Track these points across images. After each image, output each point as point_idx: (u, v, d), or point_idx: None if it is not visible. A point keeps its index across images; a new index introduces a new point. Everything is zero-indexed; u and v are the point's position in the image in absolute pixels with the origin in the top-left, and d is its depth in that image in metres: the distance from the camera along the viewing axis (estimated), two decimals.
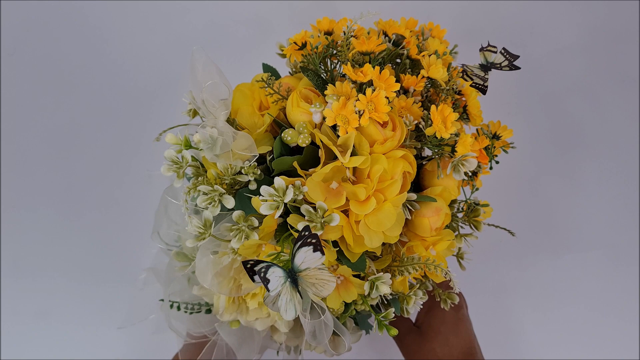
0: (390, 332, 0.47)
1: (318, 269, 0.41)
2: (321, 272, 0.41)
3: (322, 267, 0.41)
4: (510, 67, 0.50)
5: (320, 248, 0.40)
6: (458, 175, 0.48)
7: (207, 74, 0.45)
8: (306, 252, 0.40)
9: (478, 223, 0.54)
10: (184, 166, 0.45)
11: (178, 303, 0.55)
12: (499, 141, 0.56)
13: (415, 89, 0.50)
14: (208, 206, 0.43)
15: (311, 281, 0.41)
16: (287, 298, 0.41)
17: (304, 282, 0.41)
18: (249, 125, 0.49)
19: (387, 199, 0.44)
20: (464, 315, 0.60)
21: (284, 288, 0.41)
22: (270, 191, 0.42)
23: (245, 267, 0.41)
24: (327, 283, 0.41)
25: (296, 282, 0.41)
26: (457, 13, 0.80)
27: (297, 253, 0.40)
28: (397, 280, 0.51)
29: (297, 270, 0.41)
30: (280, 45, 0.54)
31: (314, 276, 0.41)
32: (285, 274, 0.41)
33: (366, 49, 0.48)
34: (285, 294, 0.41)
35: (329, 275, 0.41)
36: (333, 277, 0.41)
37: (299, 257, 0.41)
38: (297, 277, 0.41)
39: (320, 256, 0.40)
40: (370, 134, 0.45)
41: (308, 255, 0.40)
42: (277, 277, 0.40)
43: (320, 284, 0.41)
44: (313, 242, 0.40)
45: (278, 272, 0.40)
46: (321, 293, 0.41)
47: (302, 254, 0.40)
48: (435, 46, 0.52)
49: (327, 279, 0.41)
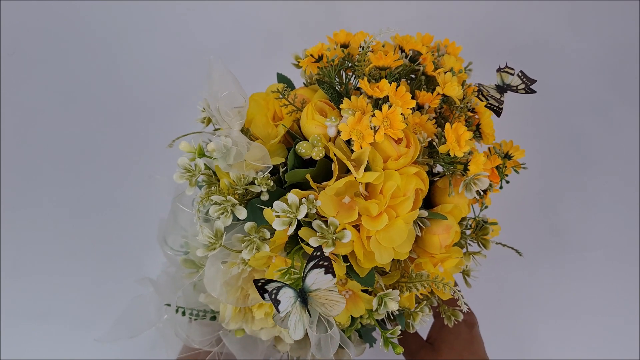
0: (396, 350, 0.47)
1: (329, 290, 0.41)
2: (331, 293, 0.41)
3: (332, 287, 0.41)
4: (527, 90, 0.50)
5: (332, 271, 0.41)
6: (470, 193, 0.48)
7: (224, 83, 0.45)
8: (317, 274, 0.41)
9: (486, 241, 0.54)
10: (197, 174, 0.45)
11: (183, 309, 0.55)
12: (510, 161, 0.56)
13: (430, 105, 0.50)
14: (220, 216, 0.43)
15: (321, 301, 0.42)
16: (296, 318, 0.41)
17: (313, 301, 0.42)
18: (262, 135, 0.49)
19: (399, 215, 0.44)
20: (477, 333, 0.60)
21: (294, 308, 0.41)
22: (283, 207, 0.42)
23: (256, 285, 0.41)
24: (336, 304, 0.42)
25: (306, 301, 0.41)
26: (470, 27, 0.80)
27: (309, 274, 0.41)
28: (404, 296, 0.51)
29: (308, 291, 0.41)
30: (296, 56, 0.54)
31: (324, 297, 0.42)
32: (296, 294, 0.41)
33: (383, 63, 0.48)
34: (295, 313, 0.41)
35: (339, 296, 0.41)
36: (343, 298, 0.42)
37: (310, 278, 0.41)
38: (307, 296, 0.41)
39: (332, 278, 0.41)
40: (384, 149, 0.45)
41: (319, 277, 0.41)
42: (288, 297, 0.41)
43: (329, 304, 0.42)
44: (325, 264, 0.40)
45: (289, 293, 0.41)
46: (330, 313, 0.42)
47: (313, 276, 0.41)
48: (451, 63, 0.52)
49: (337, 300, 0.42)
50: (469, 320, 0.60)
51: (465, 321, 0.59)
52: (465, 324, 0.56)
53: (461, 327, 0.58)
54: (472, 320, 0.60)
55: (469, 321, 0.59)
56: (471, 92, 0.53)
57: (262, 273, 0.49)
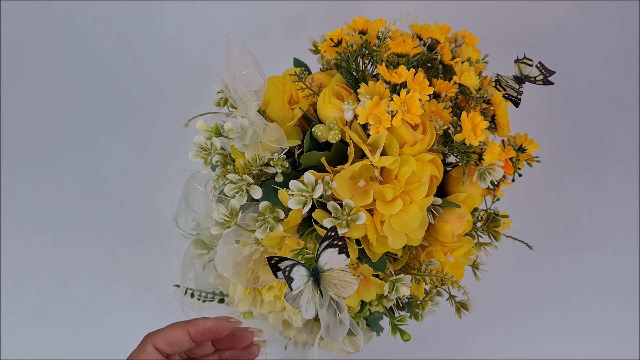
0: (403, 337, 0.47)
1: (342, 271, 0.41)
2: (344, 273, 0.41)
3: (345, 268, 0.41)
4: (545, 82, 0.50)
5: (346, 250, 0.40)
6: (484, 183, 0.48)
7: (242, 62, 0.45)
8: (332, 254, 0.41)
9: (497, 234, 0.54)
10: (212, 153, 0.45)
11: (192, 290, 0.55)
12: (524, 154, 0.56)
13: (447, 94, 0.50)
14: (235, 195, 0.43)
15: (333, 282, 0.41)
16: (308, 297, 0.41)
17: (326, 282, 0.41)
18: (279, 118, 0.49)
19: (414, 201, 0.44)
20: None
21: (307, 287, 0.41)
22: (299, 186, 0.42)
23: (269, 262, 0.41)
24: (349, 285, 0.41)
25: (318, 281, 0.41)
26: (489, 19, 0.80)
27: (323, 253, 0.41)
28: (413, 286, 0.51)
29: (321, 270, 0.41)
30: (314, 42, 0.54)
31: (337, 277, 0.41)
32: (309, 272, 0.41)
33: (402, 50, 0.48)
34: (307, 292, 0.41)
35: (352, 277, 0.41)
36: (356, 279, 0.41)
37: (323, 258, 0.41)
38: (320, 276, 0.41)
39: (345, 258, 0.41)
40: (401, 135, 0.45)
41: (333, 256, 0.41)
42: (301, 276, 0.40)
43: (342, 285, 0.41)
44: (340, 244, 0.40)
45: (302, 271, 0.40)
46: (342, 294, 0.41)
47: (327, 255, 0.41)
48: (468, 53, 0.52)
49: (350, 280, 0.41)
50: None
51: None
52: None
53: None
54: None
55: None
56: (487, 83, 0.53)
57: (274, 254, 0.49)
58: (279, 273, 0.40)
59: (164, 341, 0.41)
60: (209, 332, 0.41)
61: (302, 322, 0.52)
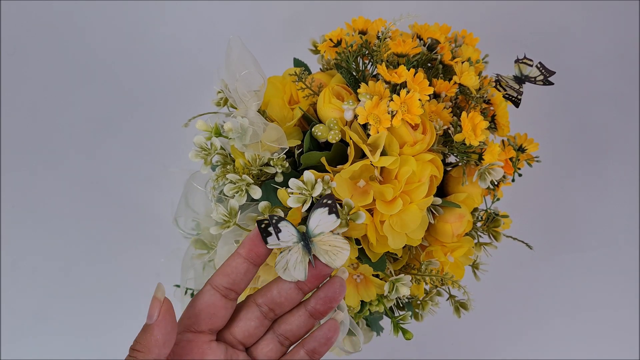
0: (406, 336, 0.47)
1: (333, 235, 0.39)
2: (335, 238, 0.39)
3: (336, 233, 0.40)
4: (545, 82, 0.50)
5: (336, 210, 0.39)
6: (484, 183, 0.48)
7: (242, 62, 0.45)
8: (321, 214, 0.39)
9: (497, 234, 0.54)
10: (212, 153, 0.45)
11: (192, 290, 0.55)
12: (524, 154, 0.56)
13: (447, 94, 0.50)
14: (234, 195, 0.43)
15: (325, 248, 0.39)
16: (298, 257, 0.39)
17: (317, 248, 0.39)
18: (278, 118, 0.49)
19: (414, 201, 0.44)
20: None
21: (296, 247, 0.39)
22: (299, 184, 0.42)
23: (259, 227, 0.39)
24: (340, 251, 0.39)
25: (309, 248, 0.39)
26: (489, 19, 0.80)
27: (312, 215, 0.39)
28: (413, 286, 0.51)
29: (311, 235, 0.39)
30: (314, 42, 0.54)
31: (328, 242, 0.39)
32: (299, 235, 0.39)
33: (402, 50, 0.48)
34: (297, 252, 0.39)
35: (343, 242, 0.39)
36: (347, 244, 0.39)
37: (313, 220, 0.39)
38: (311, 242, 0.39)
39: (336, 219, 0.39)
40: (401, 135, 0.45)
41: (323, 217, 0.39)
42: (290, 234, 0.39)
43: (333, 252, 0.39)
44: (329, 203, 0.39)
45: (291, 230, 0.39)
46: (334, 262, 0.39)
47: (317, 216, 0.39)
48: (468, 53, 0.52)
49: (341, 246, 0.39)
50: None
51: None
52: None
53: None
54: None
55: None
56: (487, 83, 0.53)
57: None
58: (270, 238, 0.39)
59: (220, 275, 0.39)
60: (254, 240, 0.39)
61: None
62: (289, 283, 0.39)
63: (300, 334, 0.40)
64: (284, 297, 0.39)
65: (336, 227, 0.39)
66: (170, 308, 0.37)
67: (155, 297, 0.37)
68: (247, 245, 0.39)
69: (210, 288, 0.39)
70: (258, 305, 0.40)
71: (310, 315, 0.40)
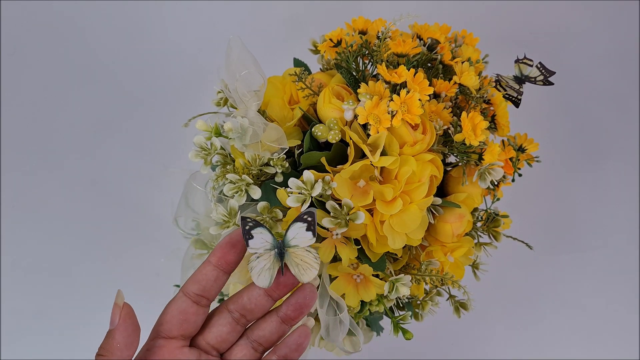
0: (406, 336, 0.47)
1: (305, 250, 0.39)
2: (307, 254, 0.39)
3: (310, 249, 0.39)
4: (545, 82, 0.50)
5: (314, 229, 0.39)
6: (484, 183, 0.48)
7: (242, 62, 0.45)
8: (299, 229, 0.39)
9: (497, 234, 0.54)
10: (212, 153, 0.45)
11: None
12: (524, 154, 0.56)
13: (447, 94, 0.50)
14: (234, 195, 0.43)
15: (296, 261, 0.39)
16: (266, 265, 0.39)
17: (289, 259, 0.39)
18: (278, 118, 0.49)
19: (414, 201, 0.44)
20: None
21: (267, 254, 0.39)
22: (298, 184, 0.42)
23: (243, 227, 0.38)
24: (309, 268, 0.39)
25: (282, 256, 0.39)
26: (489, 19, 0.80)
27: (292, 226, 0.39)
28: (413, 286, 0.51)
29: (287, 245, 0.39)
30: (314, 42, 0.54)
31: (300, 256, 0.39)
32: (274, 243, 0.39)
33: (402, 50, 0.48)
34: (267, 260, 0.39)
35: (314, 260, 0.39)
36: (317, 263, 0.39)
37: (291, 232, 0.39)
38: (285, 252, 0.39)
39: (311, 237, 0.39)
40: (401, 135, 0.45)
41: (300, 232, 0.39)
42: (264, 240, 0.39)
43: (303, 267, 0.39)
44: (308, 219, 0.38)
45: (267, 237, 0.39)
46: (302, 277, 0.39)
47: (295, 230, 0.39)
48: (468, 53, 0.52)
49: (311, 263, 0.39)
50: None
51: None
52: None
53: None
54: None
55: None
56: (487, 83, 0.53)
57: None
58: (250, 241, 0.38)
59: (191, 282, 0.39)
60: (224, 248, 0.39)
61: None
62: (258, 289, 0.40)
63: (273, 339, 0.41)
64: (254, 303, 0.40)
65: (310, 244, 0.39)
66: (130, 312, 0.39)
67: (116, 303, 0.39)
68: (218, 253, 0.39)
69: (182, 295, 0.39)
70: (230, 311, 0.40)
71: (282, 322, 0.40)
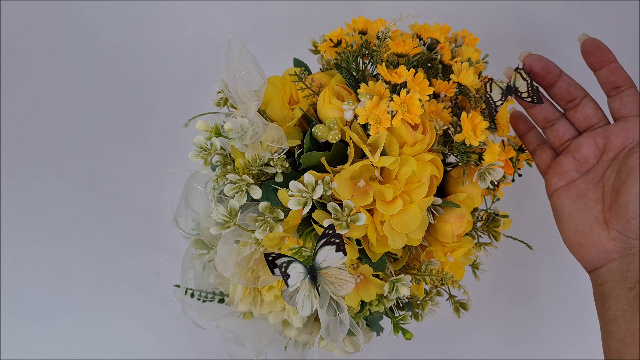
0: (405, 336, 0.47)
1: (338, 269, 0.41)
2: (341, 272, 0.41)
3: (342, 267, 0.41)
4: (533, 99, 0.49)
5: (343, 248, 0.40)
6: (484, 183, 0.48)
7: (242, 62, 0.45)
8: (328, 251, 0.41)
9: (497, 234, 0.54)
10: (212, 153, 0.45)
11: (192, 290, 0.55)
12: (524, 154, 0.56)
13: (447, 94, 0.50)
14: (235, 195, 0.43)
15: (330, 280, 0.42)
16: (305, 294, 0.41)
17: (323, 280, 0.42)
18: (278, 118, 0.49)
19: (414, 201, 0.44)
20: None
21: (303, 284, 0.41)
22: (299, 187, 0.42)
23: (266, 259, 0.41)
24: (345, 283, 0.42)
25: (315, 279, 0.41)
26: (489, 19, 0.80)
27: (320, 251, 0.41)
28: (413, 286, 0.51)
29: (318, 268, 0.41)
30: (314, 42, 0.54)
31: (334, 275, 0.42)
32: (306, 270, 0.41)
33: (402, 50, 0.48)
34: (304, 290, 0.41)
35: (349, 275, 0.41)
36: (352, 278, 0.42)
37: (320, 255, 0.41)
38: (317, 274, 0.41)
39: (342, 256, 0.41)
40: (401, 135, 0.45)
41: (330, 254, 0.41)
42: (298, 272, 0.41)
43: (339, 284, 0.42)
44: (337, 242, 0.40)
45: (299, 268, 0.41)
46: (339, 292, 0.42)
47: (324, 253, 0.41)
48: (468, 53, 0.52)
49: (347, 279, 0.42)
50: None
51: None
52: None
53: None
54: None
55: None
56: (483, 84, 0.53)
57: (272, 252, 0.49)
58: (276, 270, 0.40)
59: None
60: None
61: (302, 322, 0.53)
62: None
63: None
64: None
65: (342, 263, 0.41)
66: None
67: None
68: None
69: None
70: None
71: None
